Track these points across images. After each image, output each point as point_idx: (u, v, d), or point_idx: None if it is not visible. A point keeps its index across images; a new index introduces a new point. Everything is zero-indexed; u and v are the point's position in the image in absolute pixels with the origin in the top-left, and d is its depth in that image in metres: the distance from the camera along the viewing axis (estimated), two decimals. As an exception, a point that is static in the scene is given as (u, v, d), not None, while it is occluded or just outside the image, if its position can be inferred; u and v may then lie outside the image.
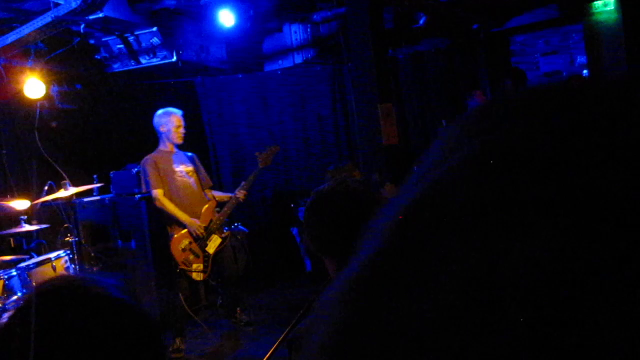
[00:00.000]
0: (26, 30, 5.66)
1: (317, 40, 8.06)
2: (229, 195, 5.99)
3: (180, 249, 5.55)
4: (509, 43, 8.73)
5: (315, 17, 7.79)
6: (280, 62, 8.34)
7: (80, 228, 6.29)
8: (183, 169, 5.74)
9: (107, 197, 6.52)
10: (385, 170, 5.89)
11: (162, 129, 5.74)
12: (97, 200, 6.54)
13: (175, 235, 5.57)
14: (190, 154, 5.96)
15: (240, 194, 5.78)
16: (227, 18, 6.67)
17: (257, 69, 8.41)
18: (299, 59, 8.22)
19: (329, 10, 7.60)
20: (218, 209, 5.85)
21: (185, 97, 8.40)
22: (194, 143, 7.92)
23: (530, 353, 0.29)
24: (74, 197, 5.89)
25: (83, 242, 5.73)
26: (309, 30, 8.10)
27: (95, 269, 5.89)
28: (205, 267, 5.62)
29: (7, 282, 5.06)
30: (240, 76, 8.27)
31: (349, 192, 1.96)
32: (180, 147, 5.85)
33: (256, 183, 7.48)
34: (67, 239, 5.52)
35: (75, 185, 5.68)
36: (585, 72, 9.01)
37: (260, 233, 7.75)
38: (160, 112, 5.80)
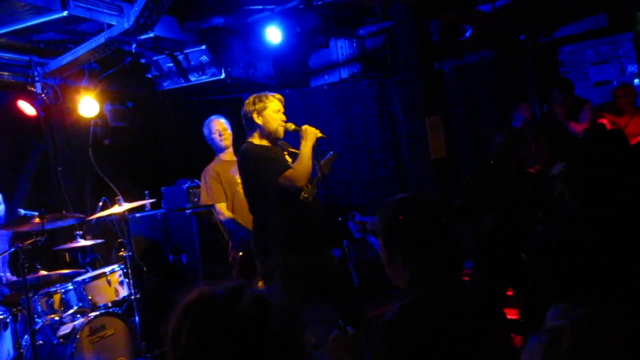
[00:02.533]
0: (81, 50, 5.85)
1: (363, 54, 8.11)
2: None
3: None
4: (556, 53, 8.62)
5: (360, 31, 7.83)
6: (326, 77, 8.41)
7: (133, 243, 6.41)
8: None
9: (158, 212, 6.63)
10: None
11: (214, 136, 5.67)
12: (149, 216, 6.66)
13: (236, 255, 5.25)
14: None
15: None
16: (274, 35, 6.74)
17: (304, 84, 8.48)
18: (345, 74, 8.27)
19: (375, 25, 7.64)
20: None
21: (234, 113, 8.48)
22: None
23: None
24: (127, 213, 6.01)
25: (136, 257, 5.82)
26: (354, 44, 8.15)
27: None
28: None
29: (63, 296, 5.19)
30: (287, 91, 8.33)
31: None
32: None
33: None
34: (121, 253, 5.63)
35: (128, 200, 5.78)
36: (636, 81, 8.83)
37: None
38: (206, 122, 5.75)
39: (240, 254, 5.25)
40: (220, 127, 5.63)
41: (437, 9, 6.38)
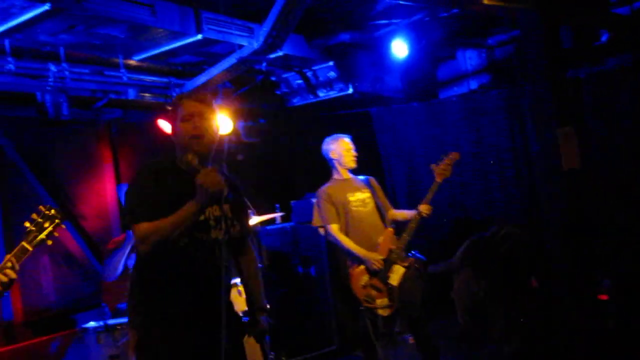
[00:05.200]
0: (214, 71, 6.15)
1: (492, 64, 7.92)
2: (410, 212, 5.35)
3: (361, 286, 5.06)
4: None
5: (489, 41, 7.67)
6: (455, 88, 8.29)
7: (264, 254, 6.61)
8: (358, 197, 5.32)
9: (288, 225, 6.81)
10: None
11: (333, 155, 5.41)
12: (279, 228, 6.85)
13: (353, 272, 5.09)
14: (365, 177, 5.56)
15: (424, 207, 5.19)
16: (400, 48, 6.76)
17: (432, 97, 8.41)
18: (474, 85, 8.12)
19: (505, 34, 7.46)
20: (397, 236, 5.29)
21: (361, 127, 8.58)
22: (370, 171, 8.07)
23: None
24: (258, 225, 6.21)
25: (266, 268, 5.99)
26: (483, 55, 7.99)
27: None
28: (390, 300, 5.09)
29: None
30: (415, 104, 8.30)
31: None
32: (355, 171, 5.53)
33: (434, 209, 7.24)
34: (252, 265, 5.81)
35: (259, 214, 5.97)
36: None
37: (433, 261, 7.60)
38: (327, 139, 5.49)
39: (358, 269, 5.13)
40: (346, 147, 5.41)
41: (566, 15, 6.12)
